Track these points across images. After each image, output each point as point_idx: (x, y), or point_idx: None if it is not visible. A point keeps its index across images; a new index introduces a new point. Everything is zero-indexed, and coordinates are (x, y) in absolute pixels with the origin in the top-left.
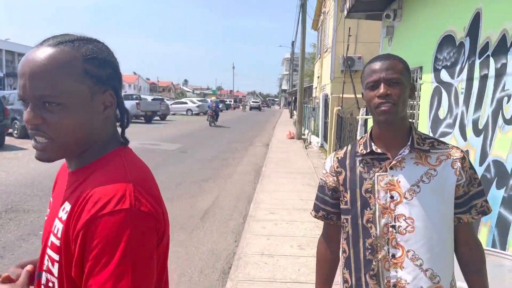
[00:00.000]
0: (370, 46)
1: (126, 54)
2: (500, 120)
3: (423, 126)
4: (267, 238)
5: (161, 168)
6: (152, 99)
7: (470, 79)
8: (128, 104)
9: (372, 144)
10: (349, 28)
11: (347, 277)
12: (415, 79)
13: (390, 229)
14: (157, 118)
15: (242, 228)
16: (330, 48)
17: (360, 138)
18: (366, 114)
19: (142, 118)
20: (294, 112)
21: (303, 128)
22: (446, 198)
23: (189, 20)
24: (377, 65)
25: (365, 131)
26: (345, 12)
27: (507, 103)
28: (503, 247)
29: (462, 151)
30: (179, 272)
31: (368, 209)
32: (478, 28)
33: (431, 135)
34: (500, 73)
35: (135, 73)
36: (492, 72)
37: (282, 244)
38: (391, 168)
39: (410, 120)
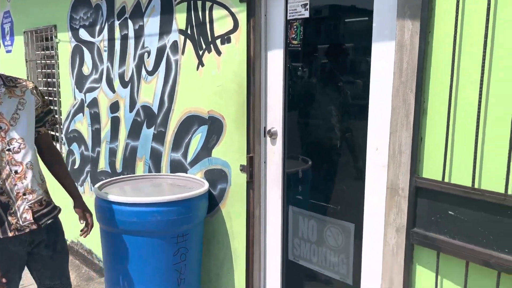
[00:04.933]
0: None
1: None
2: (143, 72)
3: (66, 83)
4: None
5: None
6: None
7: (112, 38)
8: None
9: None
10: None
11: None
12: (49, 37)
13: (7, 152)
14: None
15: None
16: None
17: None
18: None
19: None
20: None
21: None
22: (32, 117)
23: None
24: None
25: None
26: None
27: (148, 58)
28: (158, 171)
29: (32, 82)
30: None
31: None
32: None
33: (77, 91)
34: (139, 34)
35: None
36: (131, 33)
37: None
38: None
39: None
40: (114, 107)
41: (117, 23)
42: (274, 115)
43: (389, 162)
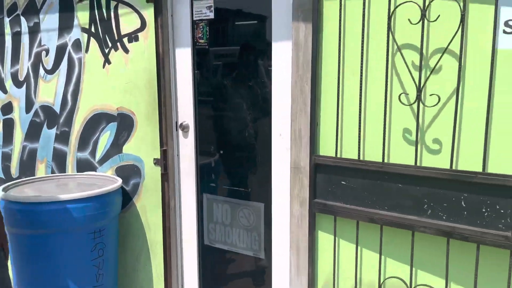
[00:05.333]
0: None
1: None
2: (41, 71)
3: None
4: None
5: None
6: None
7: (1, 34)
8: None
9: None
10: None
11: None
12: None
13: None
14: None
15: None
16: None
17: None
18: None
19: None
20: None
21: None
22: None
23: None
24: None
25: None
26: None
27: (46, 56)
28: (63, 172)
29: None
30: None
31: None
32: None
33: None
34: (34, 31)
35: None
36: (25, 30)
37: None
38: None
39: None
40: (7, 108)
41: (7, 20)
42: (185, 110)
43: (291, 145)
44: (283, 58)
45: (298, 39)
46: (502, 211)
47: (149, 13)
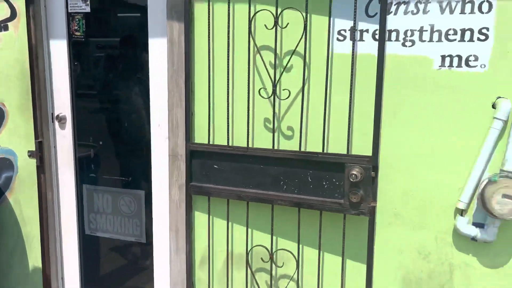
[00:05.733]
0: None
1: None
2: None
3: None
4: None
5: None
6: None
7: None
8: None
9: None
10: None
11: None
12: None
13: None
14: None
15: None
16: None
17: None
18: None
19: None
20: None
21: None
22: None
23: None
24: None
25: None
26: None
27: None
28: None
29: None
30: None
31: None
32: None
33: None
34: None
35: None
36: None
37: None
38: None
39: None
40: None
41: None
42: (62, 101)
43: (169, 135)
44: (159, 53)
45: (172, 36)
46: (337, 183)
47: (20, 3)
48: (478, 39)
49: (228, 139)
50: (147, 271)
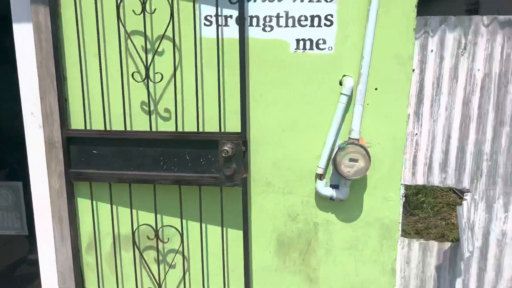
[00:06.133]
0: None
1: None
2: None
3: None
4: None
5: None
6: None
7: None
8: None
9: None
10: None
11: None
12: None
13: None
14: None
15: None
16: None
17: None
18: None
19: None
20: None
21: None
22: None
23: None
24: None
25: None
26: None
27: None
28: None
29: None
30: None
31: None
32: None
33: None
34: None
35: None
36: None
37: None
38: None
39: None
40: None
41: None
42: None
43: (43, 123)
44: (26, 39)
45: (38, 21)
46: (213, 159)
47: None
48: (325, 24)
49: (105, 124)
50: (32, 262)
